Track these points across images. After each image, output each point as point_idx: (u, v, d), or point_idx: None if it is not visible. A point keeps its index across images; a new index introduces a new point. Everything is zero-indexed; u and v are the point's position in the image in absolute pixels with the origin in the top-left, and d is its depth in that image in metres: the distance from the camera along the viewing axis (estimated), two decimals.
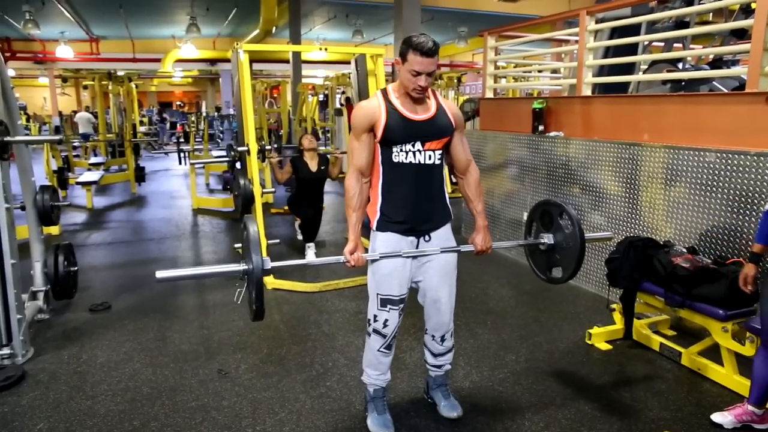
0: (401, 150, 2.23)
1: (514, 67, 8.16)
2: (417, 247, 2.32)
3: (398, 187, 2.27)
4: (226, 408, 2.66)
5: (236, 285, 2.20)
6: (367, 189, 2.30)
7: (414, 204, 2.28)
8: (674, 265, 2.89)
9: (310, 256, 5.15)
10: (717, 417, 2.46)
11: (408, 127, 2.22)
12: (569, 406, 2.65)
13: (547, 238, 2.54)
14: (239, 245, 4.82)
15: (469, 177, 2.44)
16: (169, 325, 3.67)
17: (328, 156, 5.38)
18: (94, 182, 8.29)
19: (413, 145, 2.24)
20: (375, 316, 2.34)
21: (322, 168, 5.19)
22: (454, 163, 2.43)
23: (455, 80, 12.61)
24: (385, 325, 2.33)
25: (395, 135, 2.22)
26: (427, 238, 2.33)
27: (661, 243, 3.23)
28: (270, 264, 2.11)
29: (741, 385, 2.70)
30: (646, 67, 4.97)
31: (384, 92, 2.29)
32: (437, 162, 2.30)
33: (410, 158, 2.24)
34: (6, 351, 3.05)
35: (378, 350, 2.37)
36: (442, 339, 2.47)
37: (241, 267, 2.14)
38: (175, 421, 2.55)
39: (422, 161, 2.25)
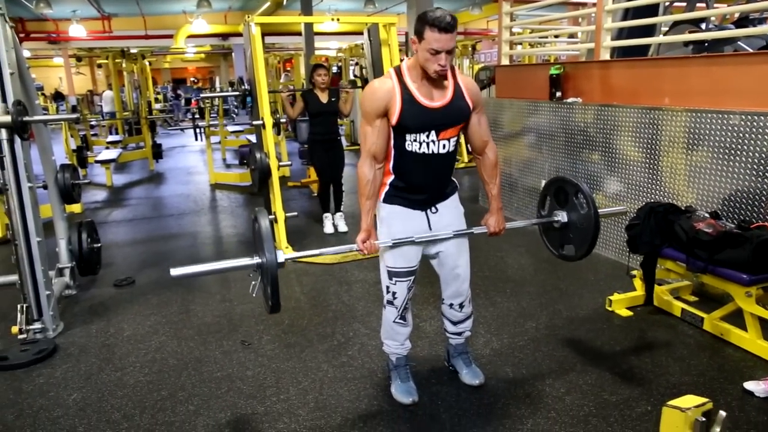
0: (414, 140, 2.15)
1: (530, 32, 8.00)
2: (427, 220, 2.30)
3: (409, 174, 2.23)
4: (250, 378, 2.72)
5: (249, 275, 2.21)
6: (380, 175, 2.21)
7: (424, 187, 2.26)
8: (696, 231, 2.85)
9: (328, 226, 5.18)
10: (750, 385, 2.44)
11: (423, 115, 2.12)
12: (590, 372, 2.67)
13: (561, 216, 2.50)
14: None
15: (485, 158, 2.36)
16: (192, 299, 3.74)
17: (340, 91, 5.27)
18: (113, 160, 8.39)
19: (427, 135, 2.15)
20: (387, 288, 2.35)
21: (333, 99, 5.07)
22: (470, 143, 2.35)
23: (470, 48, 12.40)
24: (394, 297, 2.34)
25: (409, 124, 2.12)
26: (434, 209, 2.31)
27: (683, 208, 3.19)
28: (283, 257, 2.09)
29: (765, 350, 2.68)
30: (666, 28, 4.83)
31: (398, 72, 2.15)
32: (451, 150, 2.24)
33: (423, 149, 2.17)
34: (38, 325, 3.14)
35: (393, 321, 2.40)
36: (461, 306, 2.49)
37: (254, 261, 2.12)
38: (202, 391, 2.62)
39: (435, 151, 2.18)
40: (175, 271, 2.06)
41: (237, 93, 5.46)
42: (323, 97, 5.03)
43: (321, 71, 5.07)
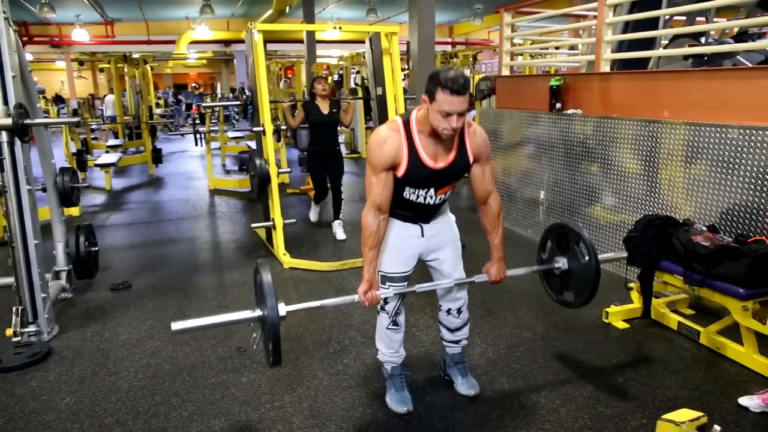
0: (413, 192, 2.22)
1: (531, 44, 8.04)
2: (422, 232, 2.34)
3: (403, 209, 2.29)
4: (245, 384, 2.71)
5: (250, 326, 2.22)
6: (384, 225, 2.22)
7: (417, 218, 2.34)
8: (694, 244, 2.85)
9: (340, 233, 5.19)
10: (744, 400, 2.43)
11: (426, 175, 2.17)
12: (585, 384, 2.66)
13: (562, 263, 2.52)
14: (256, 225, 4.87)
15: (488, 208, 2.38)
16: (188, 304, 3.73)
17: (341, 101, 5.31)
18: (113, 164, 8.39)
19: (426, 192, 2.23)
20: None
21: (334, 111, 5.11)
22: (474, 191, 2.38)
23: (471, 58, 12.45)
24: (386, 301, 2.35)
25: (411, 181, 2.18)
26: (428, 222, 2.36)
27: (681, 221, 3.19)
28: (285, 310, 2.07)
29: (761, 364, 2.68)
30: (666, 42, 4.86)
31: (407, 125, 2.14)
32: (446, 199, 2.33)
33: (420, 199, 2.24)
34: (32, 328, 3.13)
35: (386, 327, 2.40)
36: (459, 311, 2.49)
37: (255, 314, 2.11)
38: (196, 397, 2.61)
39: (432, 203, 2.27)
40: (175, 326, 2.05)
41: (238, 102, 5.49)
42: (324, 108, 5.06)
43: (321, 81, 5.13)
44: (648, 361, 2.89)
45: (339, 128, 5.64)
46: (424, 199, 2.24)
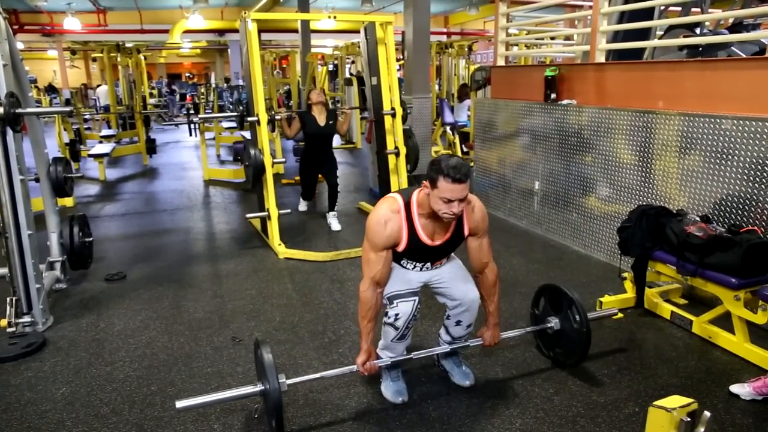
0: (410, 263, 2.34)
1: (527, 34, 8.02)
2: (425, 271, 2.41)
3: (403, 275, 2.37)
4: (240, 374, 2.72)
5: (255, 407, 2.28)
6: (381, 300, 2.29)
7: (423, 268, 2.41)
8: (687, 234, 2.87)
9: (335, 224, 5.20)
10: (735, 388, 2.46)
11: (424, 252, 2.27)
12: (579, 373, 2.68)
13: (554, 324, 2.67)
14: (251, 215, 4.87)
15: (484, 278, 2.43)
16: (183, 294, 3.73)
17: (337, 112, 5.33)
18: (106, 154, 8.35)
19: (423, 264, 2.35)
20: (386, 313, 2.35)
21: (330, 122, 5.14)
22: (471, 262, 2.42)
23: (466, 49, 12.41)
24: (396, 318, 2.31)
25: (409, 256, 2.30)
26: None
27: (674, 212, 3.21)
28: (287, 385, 2.16)
29: (752, 353, 2.71)
30: (662, 32, 4.86)
31: (407, 206, 2.20)
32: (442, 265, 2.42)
33: (416, 269, 2.37)
34: (27, 319, 3.12)
35: (392, 341, 2.40)
36: (468, 326, 2.51)
37: (257, 389, 2.19)
38: (192, 387, 2.61)
39: (428, 270, 2.39)
40: (180, 404, 2.10)
41: (235, 114, 5.51)
42: (321, 120, 5.10)
43: (316, 92, 5.22)
44: (641, 350, 2.91)
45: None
46: (420, 269, 2.38)
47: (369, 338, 2.25)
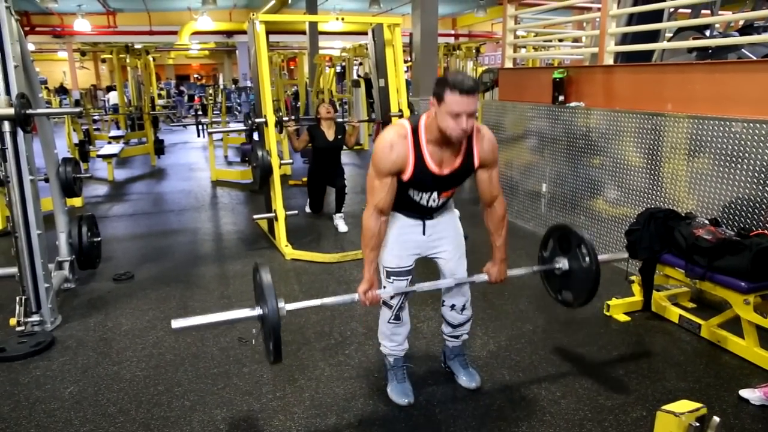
0: (416, 194, 2.24)
1: (534, 36, 8.00)
2: (423, 230, 2.34)
3: (408, 209, 2.30)
4: (246, 375, 2.72)
5: (253, 331, 2.23)
6: (385, 227, 2.23)
7: (419, 217, 2.34)
8: (696, 237, 2.85)
9: (341, 226, 5.21)
10: (745, 392, 2.44)
11: (431, 181, 2.18)
12: (586, 376, 2.67)
13: (562, 264, 2.53)
14: (258, 216, 4.88)
15: (492, 211, 2.37)
16: (190, 295, 3.74)
17: (345, 125, 5.37)
18: (115, 155, 8.40)
19: (429, 195, 2.24)
20: (383, 288, 2.35)
21: (339, 137, 5.19)
22: (479, 194, 2.37)
23: (474, 50, 12.40)
24: (390, 297, 2.34)
25: (416, 185, 2.19)
26: (431, 218, 2.35)
27: (683, 215, 3.19)
28: (286, 309, 2.08)
29: (762, 357, 2.68)
30: (671, 35, 4.83)
31: (415, 131, 2.12)
32: (448, 201, 2.35)
33: (423, 201, 2.26)
34: (36, 318, 3.14)
35: (388, 321, 2.40)
36: (462, 308, 2.50)
37: (255, 312, 2.11)
38: (198, 387, 2.62)
39: (435, 205, 2.28)
40: (176, 323, 2.05)
41: (245, 128, 5.57)
42: (330, 134, 5.15)
43: (326, 106, 5.23)
44: (648, 354, 2.89)
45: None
46: (427, 201, 2.26)
47: (371, 267, 2.21)
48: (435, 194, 2.24)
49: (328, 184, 5.45)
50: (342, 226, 5.23)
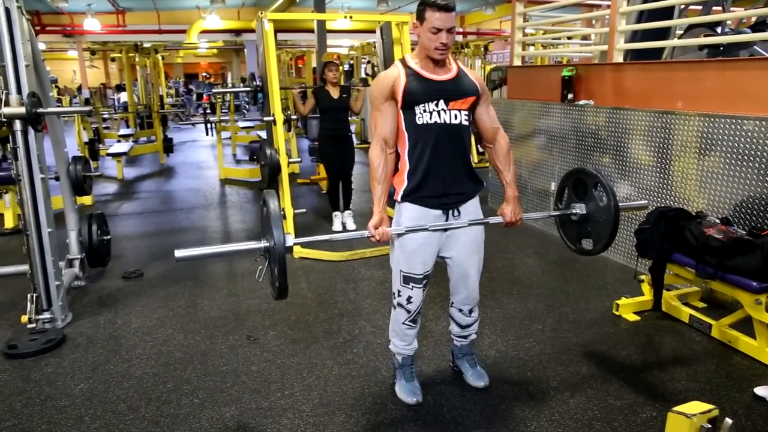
0: (424, 110, 2.16)
1: (543, 34, 7.96)
2: (447, 218, 2.26)
3: (424, 152, 2.18)
4: (255, 373, 2.73)
5: (256, 260, 2.18)
6: (392, 160, 2.23)
7: (442, 168, 2.21)
8: (707, 236, 2.83)
9: (337, 224, 5.18)
10: (760, 390, 2.42)
11: (429, 85, 2.16)
12: (595, 376, 2.65)
13: (579, 209, 2.45)
14: None
15: (497, 146, 2.36)
16: (199, 293, 3.76)
17: (351, 88, 5.29)
18: (124, 153, 8.45)
19: (437, 104, 2.16)
20: (399, 291, 2.34)
21: (344, 96, 5.07)
22: (481, 131, 2.36)
23: (482, 48, 12.35)
24: (409, 302, 2.33)
25: (416, 95, 2.15)
26: (455, 213, 2.27)
27: (693, 214, 3.16)
28: (292, 240, 2.03)
29: None
30: (681, 32, 4.79)
31: (402, 60, 2.25)
32: (464, 122, 2.22)
33: (435, 118, 2.16)
34: (47, 315, 3.17)
35: (403, 323, 2.39)
36: (470, 311, 2.49)
37: (262, 244, 2.06)
38: (207, 385, 2.63)
39: (447, 120, 2.17)
40: (179, 253, 2.01)
41: (248, 89, 5.50)
42: (334, 93, 5.02)
43: (332, 68, 5.09)
44: (658, 354, 2.88)
45: (349, 117, 5.62)
46: (439, 116, 2.16)
47: (381, 202, 2.18)
48: (442, 103, 2.16)
49: (340, 160, 5.16)
50: (350, 224, 5.22)
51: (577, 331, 3.13)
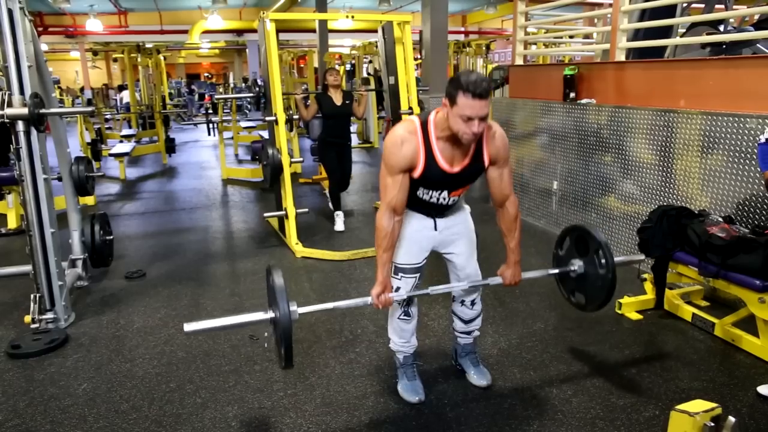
0: (426, 192, 2.22)
1: (545, 32, 7.95)
2: (435, 226, 2.32)
3: (419, 206, 2.29)
4: (258, 372, 2.74)
5: (265, 334, 2.22)
6: (399, 227, 2.20)
7: (433, 215, 2.33)
8: (709, 235, 2.82)
9: (339, 224, 5.18)
10: (764, 389, 2.42)
11: (441, 178, 2.16)
12: (597, 375, 2.65)
13: (578, 267, 2.48)
14: (269, 214, 4.90)
15: (505, 212, 2.33)
16: (201, 292, 3.76)
17: (353, 93, 5.31)
18: (126, 154, 8.47)
19: (440, 193, 2.22)
20: (395, 290, 2.34)
21: (347, 102, 5.10)
22: (491, 194, 2.33)
23: (484, 48, 12.35)
24: (397, 291, 2.32)
25: (426, 182, 2.17)
26: (442, 216, 2.34)
27: (696, 212, 3.15)
28: (298, 313, 2.06)
29: None
30: (684, 30, 4.78)
31: (424, 127, 2.11)
32: (458, 199, 2.32)
33: (433, 200, 2.24)
34: (50, 315, 3.18)
35: (398, 318, 2.40)
36: (473, 303, 2.50)
37: (268, 315, 2.09)
38: (210, 384, 2.64)
39: (445, 202, 2.26)
40: (188, 327, 2.03)
41: (251, 95, 5.53)
42: (337, 99, 5.06)
43: (332, 72, 5.13)
44: (661, 353, 2.87)
45: (351, 120, 5.65)
46: (437, 200, 2.24)
47: (385, 269, 2.18)
48: (445, 193, 2.23)
49: (340, 169, 5.23)
50: (339, 224, 5.19)
51: (579, 330, 3.13)
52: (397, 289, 2.33)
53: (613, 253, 2.36)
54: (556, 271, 2.57)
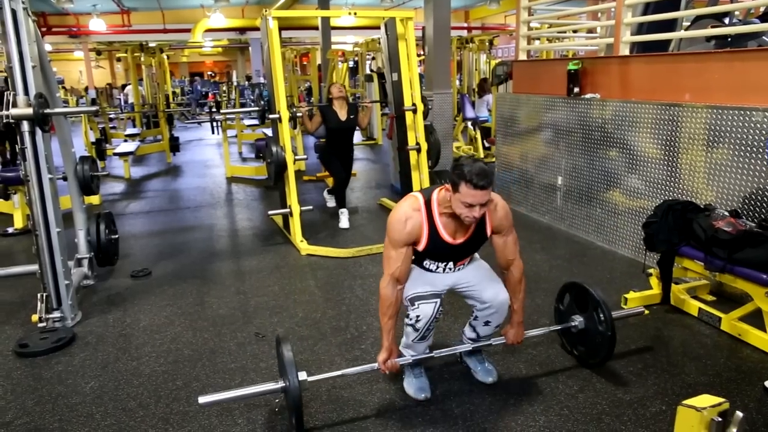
0: (432, 263, 2.32)
1: (549, 27, 7.91)
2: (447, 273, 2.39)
3: (428, 275, 2.37)
4: (263, 369, 2.74)
5: (276, 401, 2.38)
6: (401, 296, 2.28)
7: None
8: (715, 229, 2.81)
9: (344, 221, 5.19)
10: None
11: (445, 250, 2.25)
12: (603, 370, 2.64)
13: (579, 323, 2.62)
14: (273, 212, 4.91)
15: (509, 275, 2.41)
16: (207, 291, 3.77)
17: (358, 105, 5.35)
18: (131, 153, 8.49)
19: (445, 264, 2.32)
20: (408, 315, 2.33)
21: (352, 117, 5.16)
22: (496, 259, 2.40)
23: (487, 43, 12.30)
24: (417, 320, 2.29)
25: (431, 255, 2.27)
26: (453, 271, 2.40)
27: (702, 206, 3.14)
28: (308, 382, 2.16)
29: None
30: (688, 23, 4.75)
31: (428, 204, 2.20)
32: (465, 265, 2.40)
33: (439, 270, 2.35)
34: (57, 314, 3.19)
35: (412, 341, 2.38)
36: (497, 326, 2.50)
37: (279, 385, 2.18)
38: (216, 382, 2.64)
39: (452, 271, 2.36)
40: (203, 399, 2.13)
41: (257, 108, 5.59)
42: (342, 114, 5.12)
43: (338, 85, 5.25)
44: (667, 348, 2.86)
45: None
46: (443, 270, 2.35)
47: (390, 336, 2.25)
48: (451, 264, 2.33)
49: (345, 170, 5.37)
50: (344, 222, 5.21)
51: None
52: (417, 317, 2.28)
53: (611, 309, 2.49)
54: (558, 327, 2.71)
